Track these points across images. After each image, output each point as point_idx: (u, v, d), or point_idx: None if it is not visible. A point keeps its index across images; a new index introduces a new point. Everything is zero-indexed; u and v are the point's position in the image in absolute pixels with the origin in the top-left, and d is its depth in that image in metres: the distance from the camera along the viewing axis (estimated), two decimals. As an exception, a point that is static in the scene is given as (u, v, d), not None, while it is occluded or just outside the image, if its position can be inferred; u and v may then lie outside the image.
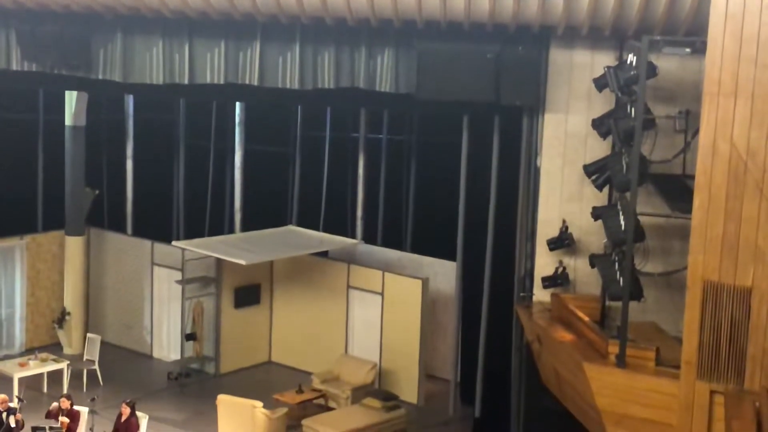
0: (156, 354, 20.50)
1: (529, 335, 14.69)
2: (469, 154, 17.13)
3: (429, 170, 20.56)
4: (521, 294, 15.25)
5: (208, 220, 22.16)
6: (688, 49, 12.61)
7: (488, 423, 16.62)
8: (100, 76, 16.08)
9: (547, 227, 14.81)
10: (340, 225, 20.92)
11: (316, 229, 20.76)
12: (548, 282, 14.71)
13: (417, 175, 20.90)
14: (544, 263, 14.86)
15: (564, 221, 14.67)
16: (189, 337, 19.61)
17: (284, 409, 17.03)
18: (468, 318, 17.48)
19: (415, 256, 19.76)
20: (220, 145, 21.93)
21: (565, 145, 14.69)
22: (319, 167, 21.59)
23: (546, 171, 14.86)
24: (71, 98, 19.83)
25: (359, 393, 17.87)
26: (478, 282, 16.79)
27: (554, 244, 14.66)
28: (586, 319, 13.31)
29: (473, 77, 14.73)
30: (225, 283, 19.62)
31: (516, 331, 15.49)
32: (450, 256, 18.15)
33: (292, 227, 20.84)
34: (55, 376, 18.31)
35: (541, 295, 14.83)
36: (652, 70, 12.92)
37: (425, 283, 18.36)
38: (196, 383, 19.29)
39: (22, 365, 18.05)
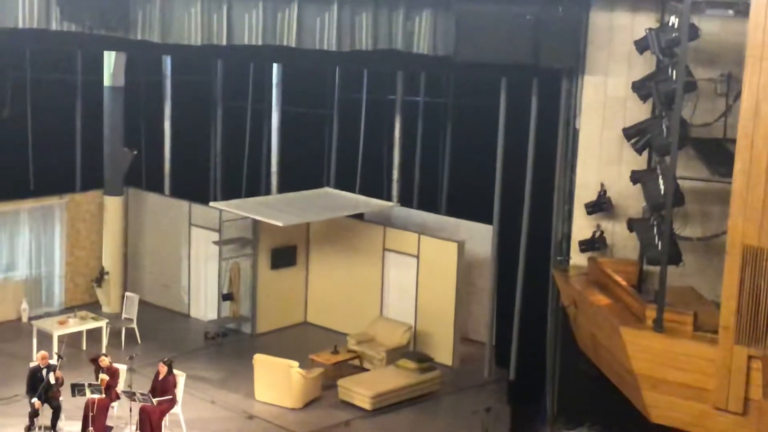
0: (193, 314, 20.67)
1: (566, 299, 14.67)
2: (507, 117, 17.06)
3: (466, 133, 20.48)
4: (558, 258, 15.22)
5: (245, 182, 22.24)
6: (731, 11, 12.45)
7: (523, 386, 16.67)
8: (139, 37, 16.10)
9: (584, 191, 14.73)
10: (377, 187, 20.92)
11: (353, 191, 20.78)
12: (585, 246, 14.66)
13: (453, 138, 20.83)
14: (582, 227, 14.80)
15: (602, 185, 14.58)
16: (226, 297, 19.77)
17: (320, 370, 17.17)
18: (504, 281, 17.48)
19: (451, 219, 19.75)
20: (258, 106, 21.96)
21: (605, 107, 14.57)
22: (356, 129, 21.58)
23: (585, 134, 14.76)
24: (110, 59, 19.91)
25: (394, 354, 17.95)
26: (514, 245, 16.78)
27: (592, 208, 14.59)
28: (624, 283, 13.26)
29: (512, 39, 14.63)
30: (262, 245, 19.72)
31: (552, 295, 15.48)
32: (486, 219, 18.13)
33: (328, 189, 20.87)
34: (94, 335, 18.53)
35: (577, 259, 14.79)
36: (694, 33, 12.75)
37: (461, 246, 18.36)
38: (232, 343, 19.46)
39: (61, 323, 18.26)
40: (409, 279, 18.88)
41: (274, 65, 20.69)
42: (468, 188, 19.97)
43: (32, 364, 15.78)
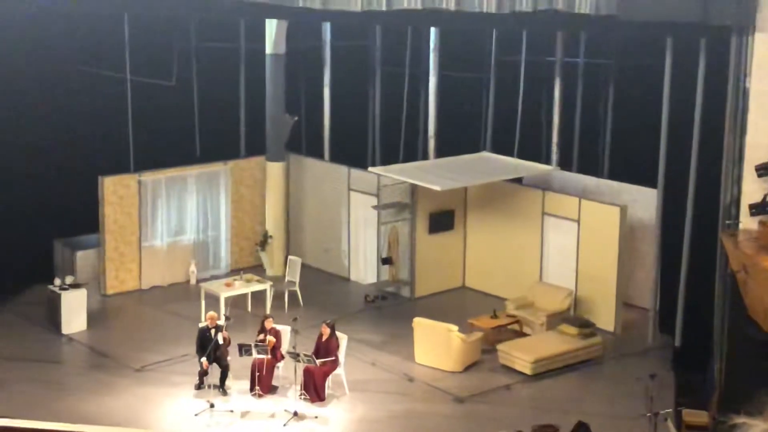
0: (353, 277, 20.95)
1: (735, 264, 14.22)
2: (673, 78, 16.57)
3: (628, 94, 19.99)
4: (726, 221, 14.78)
5: (403, 147, 22.34)
6: None
7: (689, 353, 16.33)
8: (300, 4, 16.28)
9: (756, 152, 14.24)
10: (535, 151, 20.71)
11: (511, 155, 20.63)
12: (756, 209, 14.18)
13: (615, 100, 20.38)
14: (752, 190, 14.32)
15: (774, 146, 14.06)
16: (385, 261, 19.97)
17: (479, 334, 17.18)
18: (668, 246, 17.10)
19: (613, 182, 19.39)
20: (415, 71, 21.98)
21: (778, 66, 14.00)
22: (514, 92, 21.35)
23: (756, 93, 14.23)
24: (271, 27, 20.25)
25: (554, 319, 17.80)
26: (680, 209, 16.40)
27: (764, 170, 14.08)
28: (798, 247, 12.78)
29: (679, -4, 14.20)
30: (419, 209, 19.81)
31: (720, 260, 15.05)
32: (650, 182, 17.72)
33: (486, 153, 20.78)
34: (259, 296, 19.02)
35: (748, 222, 14.33)
36: None
37: (623, 210, 18.01)
38: (391, 306, 19.66)
39: (228, 285, 18.80)
40: (569, 244, 18.65)
41: (432, 29, 20.62)
42: (631, 151, 19.55)
43: (201, 325, 16.31)
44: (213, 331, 15.83)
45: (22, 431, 10.09)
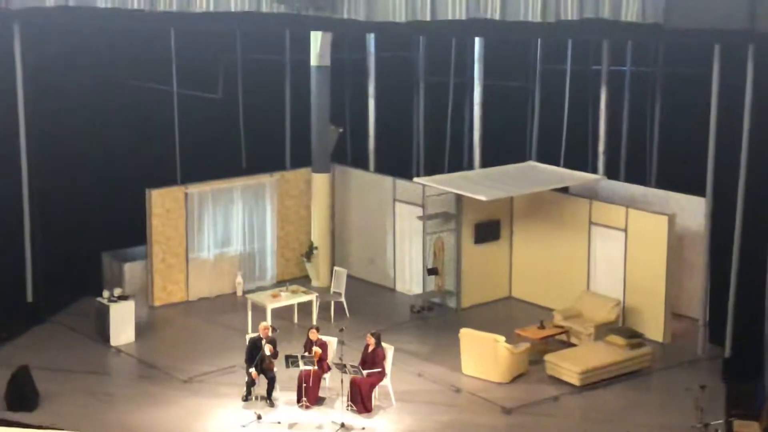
0: (398, 288, 20.92)
1: (786, 273, 14.06)
2: (721, 85, 16.39)
3: (676, 103, 19.87)
4: (777, 230, 14.60)
5: (448, 157, 22.34)
6: None
7: (739, 364, 16.12)
8: (345, 16, 16.35)
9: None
10: (581, 160, 20.60)
11: (557, 164, 20.53)
12: (807, 218, 13.98)
13: (663, 108, 20.24)
14: (804, 198, 14.14)
15: (825, 154, 13.87)
16: (430, 271, 19.93)
17: (526, 344, 17.08)
18: (718, 255, 16.90)
19: (661, 191, 19.21)
20: (459, 81, 21.97)
21: (829, 72, 13.82)
22: (560, 101, 21.28)
23: (806, 100, 14.05)
24: (316, 39, 20.32)
25: (602, 330, 17.67)
26: (729, 218, 16.22)
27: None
28: None
29: (726, 3, 14.12)
30: (465, 219, 19.75)
31: (771, 270, 14.87)
32: (698, 191, 17.53)
33: (532, 163, 20.69)
34: (305, 308, 19.06)
35: (799, 231, 14.13)
36: None
37: (672, 219, 17.84)
38: (437, 317, 19.60)
39: (274, 296, 18.85)
40: (617, 253, 18.50)
41: (477, 39, 20.59)
42: (679, 159, 19.40)
43: (251, 335, 16.35)
44: (263, 342, 15.87)
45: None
